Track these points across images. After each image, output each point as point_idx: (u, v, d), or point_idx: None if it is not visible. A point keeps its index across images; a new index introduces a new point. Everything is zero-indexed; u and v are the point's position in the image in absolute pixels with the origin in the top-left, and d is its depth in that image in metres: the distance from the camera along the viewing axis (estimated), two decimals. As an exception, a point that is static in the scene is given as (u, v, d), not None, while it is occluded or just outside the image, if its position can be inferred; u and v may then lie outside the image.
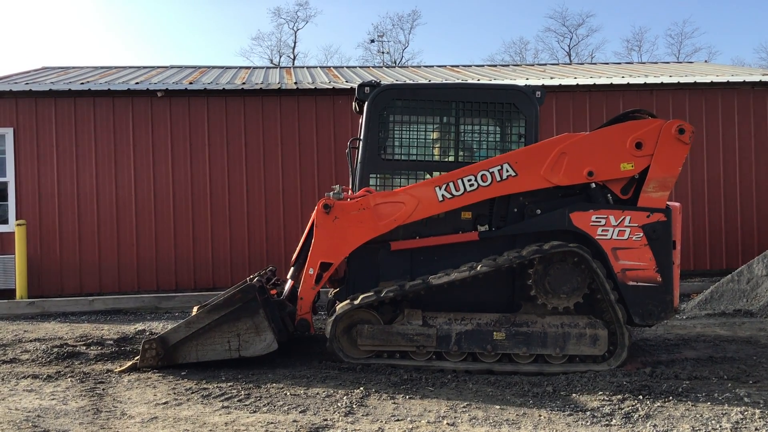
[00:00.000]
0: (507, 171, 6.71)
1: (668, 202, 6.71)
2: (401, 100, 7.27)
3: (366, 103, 7.19)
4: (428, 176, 7.17)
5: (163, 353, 6.60)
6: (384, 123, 7.20)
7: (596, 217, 6.61)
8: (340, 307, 6.69)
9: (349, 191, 7.37)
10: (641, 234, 6.57)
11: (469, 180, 6.72)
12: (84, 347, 7.80)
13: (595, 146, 6.74)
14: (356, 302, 6.59)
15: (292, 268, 7.30)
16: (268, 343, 6.54)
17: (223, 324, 6.55)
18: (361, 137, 7.23)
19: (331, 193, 6.91)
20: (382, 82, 7.42)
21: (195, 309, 7.53)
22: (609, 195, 6.81)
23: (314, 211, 6.87)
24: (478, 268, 6.51)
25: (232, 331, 6.55)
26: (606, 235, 6.59)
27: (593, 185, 6.77)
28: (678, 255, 6.75)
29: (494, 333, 6.52)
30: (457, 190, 6.73)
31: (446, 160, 7.29)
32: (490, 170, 6.73)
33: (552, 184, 6.75)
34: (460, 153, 7.31)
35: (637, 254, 6.58)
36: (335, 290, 7.54)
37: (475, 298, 6.84)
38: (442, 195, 6.73)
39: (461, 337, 6.53)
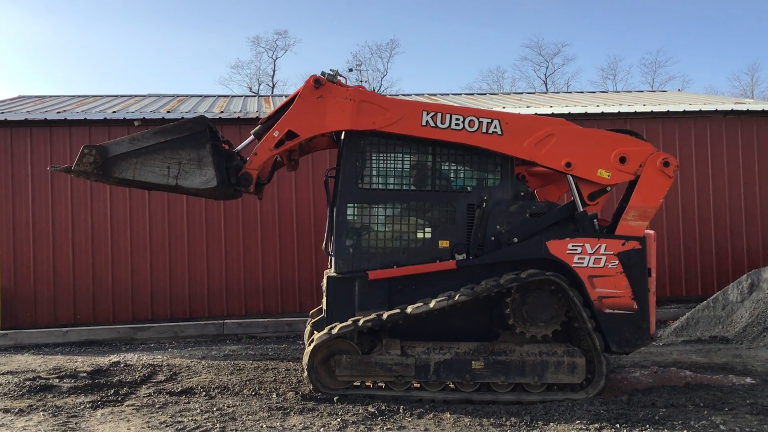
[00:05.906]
0: (495, 128, 6.77)
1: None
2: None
3: (343, 132, 7.18)
4: (405, 206, 7.12)
5: (100, 162, 6.42)
6: (361, 152, 7.18)
7: (572, 245, 6.65)
8: (318, 337, 6.64)
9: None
10: (617, 262, 6.62)
11: (458, 119, 6.77)
12: (57, 380, 7.68)
13: (584, 142, 6.86)
14: (334, 332, 6.54)
15: (259, 125, 7.16)
16: (207, 178, 6.46)
17: (166, 149, 6.45)
18: (339, 166, 7.21)
19: (327, 73, 6.88)
20: None
21: None
22: (595, 220, 6.86)
23: (303, 85, 6.83)
24: (456, 297, 6.50)
25: (175, 158, 6.44)
26: (582, 263, 6.63)
27: (567, 215, 6.85)
28: (653, 282, 6.81)
29: (473, 362, 6.50)
30: (442, 123, 6.76)
31: (423, 189, 7.26)
32: (480, 119, 6.78)
33: (530, 159, 6.84)
34: (437, 182, 7.31)
35: (614, 282, 6.62)
36: (313, 320, 7.48)
37: (454, 326, 6.83)
38: (426, 121, 6.76)
39: (440, 366, 6.50)
